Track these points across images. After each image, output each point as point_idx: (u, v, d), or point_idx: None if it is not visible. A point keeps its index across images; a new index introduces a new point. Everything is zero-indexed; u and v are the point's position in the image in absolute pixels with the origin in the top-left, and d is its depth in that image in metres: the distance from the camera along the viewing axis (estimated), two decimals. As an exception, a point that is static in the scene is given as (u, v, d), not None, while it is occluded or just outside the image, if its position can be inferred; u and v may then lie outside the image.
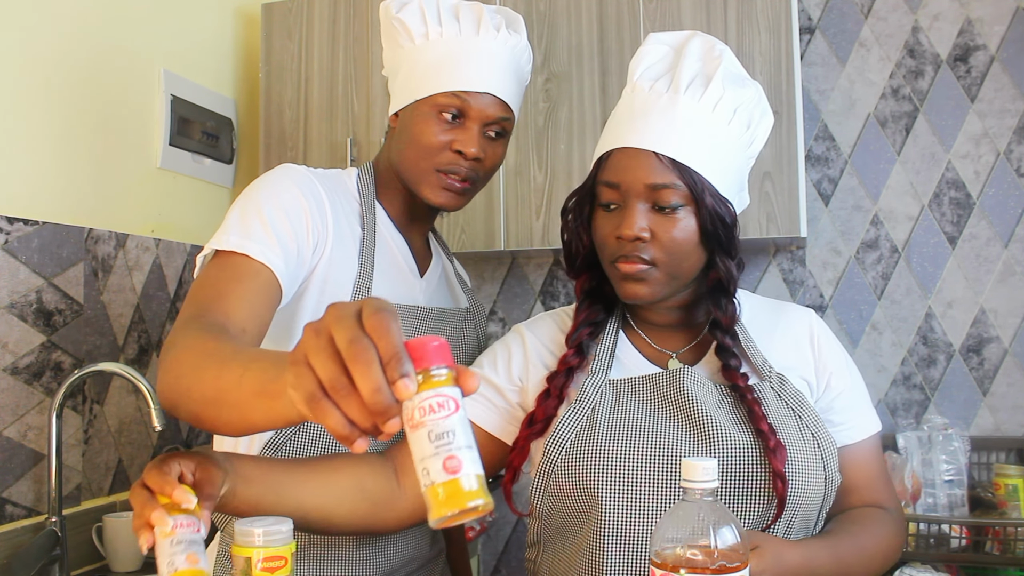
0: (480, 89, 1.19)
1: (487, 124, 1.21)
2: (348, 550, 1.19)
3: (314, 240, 1.12)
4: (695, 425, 1.01)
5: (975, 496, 1.78)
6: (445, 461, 0.59)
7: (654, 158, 1.01)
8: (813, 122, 2.09)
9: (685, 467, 0.80)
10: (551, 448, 1.03)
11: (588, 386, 1.06)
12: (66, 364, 1.63)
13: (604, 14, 1.91)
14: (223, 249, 1.03)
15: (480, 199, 1.98)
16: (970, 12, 2.00)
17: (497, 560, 2.26)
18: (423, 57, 1.23)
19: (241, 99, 2.24)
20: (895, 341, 2.02)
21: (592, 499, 1.00)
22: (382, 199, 1.28)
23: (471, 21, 1.22)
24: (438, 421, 0.59)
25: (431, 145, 1.20)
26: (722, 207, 1.03)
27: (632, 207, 1.02)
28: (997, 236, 1.97)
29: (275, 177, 1.14)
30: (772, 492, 0.98)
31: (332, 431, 0.59)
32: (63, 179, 1.67)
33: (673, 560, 0.78)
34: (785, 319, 1.15)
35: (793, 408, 1.04)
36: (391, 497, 1.05)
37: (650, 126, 1.02)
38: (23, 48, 1.58)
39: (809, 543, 0.98)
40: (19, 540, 1.49)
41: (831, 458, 1.03)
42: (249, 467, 0.92)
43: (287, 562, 0.84)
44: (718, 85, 1.03)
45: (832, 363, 1.12)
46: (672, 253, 1.02)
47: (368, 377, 0.57)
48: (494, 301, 2.31)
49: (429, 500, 0.60)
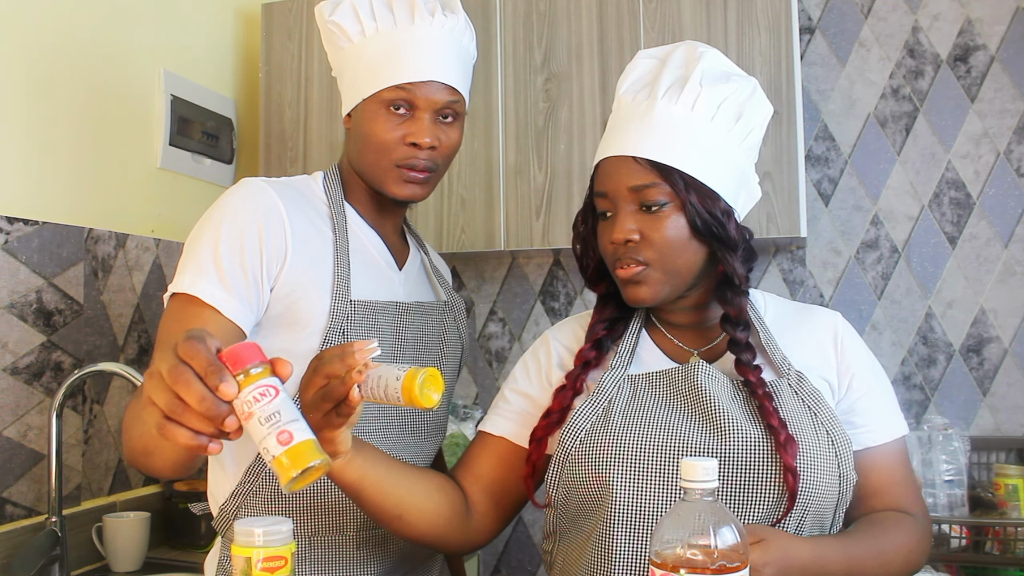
0: (424, 78, 1.19)
1: (437, 111, 1.21)
2: (347, 550, 1.19)
3: (267, 259, 1.13)
4: (710, 419, 1.02)
5: (975, 496, 1.78)
6: (277, 436, 0.71)
7: (632, 162, 1.04)
8: (813, 122, 2.09)
9: (685, 467, 0.80)
10: (566, 437, 1.05)
11: (606, 380, 1.08)
12: (66, 364, 1.63)
13: (604, 14, 1.91)
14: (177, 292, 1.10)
15: (480, 199, 1.98)
16: (970, 12, 2.00)
17: (497, 560, 2.26)
18: (363, 55, 1.23)
19: (241, 99, 2.24)
20: (895, 341, 2.02)
21: (603, 488, 1.01)
22: (350, 199, 1.28)
23: (404, 10, 1.21)
24: (264, 407, 0.71)
25: (385, 142, 1.20)
26: (708, 200, 1.04)
27: (620, 212, 1.05)
28: (997, 236, 1.97)
29: (226, 203, 1.16)
30: (783, 487, 0.98)
31: (184, 446, 0.71)
32: (63, 179, 1.67)
33: (673, 560, 0.78)
34: (811, 321, 1.16)
35: (809, 406, 1.05)
36: (465, 514, 1.11)
37: (628, 134, 1.06)
38: (23, 48, 1.58)
39: (820, 540, 0.99)
40: (19, 540, 1.49)
41: (846, 457, 1.04)
42: (367, 446, 1.02)
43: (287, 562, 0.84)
44: (694, 85, 1.05)
45: (855, 365, 1.12)
46: (663, 251, 1.04)
47: (191, 392, 0.69)
48: (494, 301, 2.31)
49: (276, 470, 0.71)
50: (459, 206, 1.99)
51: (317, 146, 2.10)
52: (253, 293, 1.12)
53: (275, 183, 1.21)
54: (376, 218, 1.29)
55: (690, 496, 0.80)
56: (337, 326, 1.16)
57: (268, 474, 1.18)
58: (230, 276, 1.10)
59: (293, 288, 1.15)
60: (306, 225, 1.19)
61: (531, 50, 1.96)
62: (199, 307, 1.08)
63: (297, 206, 1.20)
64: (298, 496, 1.19)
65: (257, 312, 1.14)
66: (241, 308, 1.10)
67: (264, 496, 1.18)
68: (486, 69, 1.97)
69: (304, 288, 1.16)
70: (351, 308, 1.18)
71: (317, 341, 1.15)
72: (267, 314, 1.16)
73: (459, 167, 1.99)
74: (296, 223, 1.17)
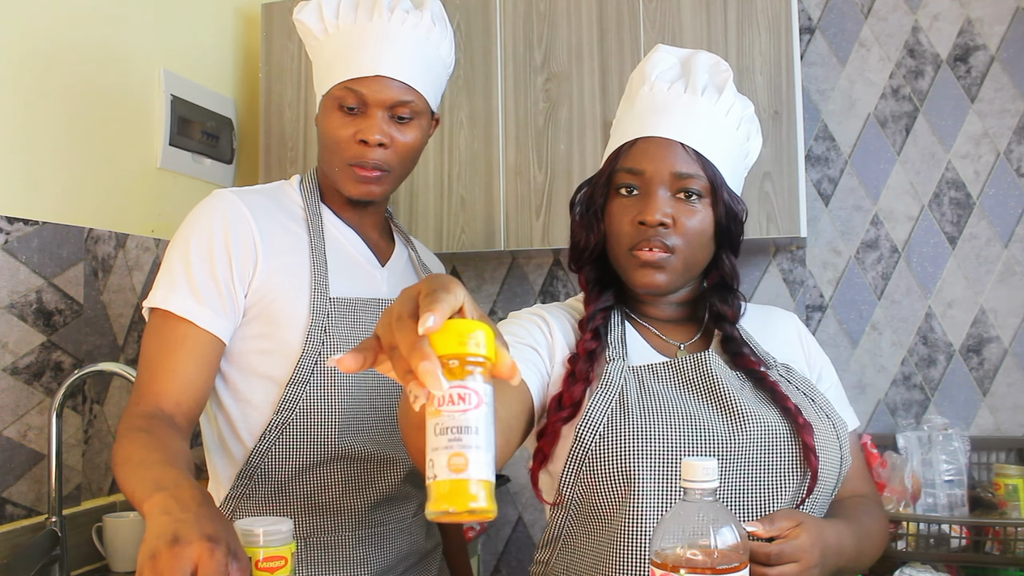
0: (371, 73, 1.18)
1: (390, 107, 1.20)
2: (344, 550, 1.19)
3: (237, 267, 1.15)
4: (726, 406, 1.02)
5: (975, 496, 1.78)
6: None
7: (680, 148, 1.05)
8: (813, 122, 2.09)
9: (685, 467, 0.80)
10: (584, 432, 1.01)
11: (611, 370, 1.05)
12: (66, 364, 1.63)
13: (604, 14, 1.91)
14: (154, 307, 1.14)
15: (480, 199, 1.98)
16: (970, 12, 2.00)
17: (497, 560, 2.26)
18: (323, 54, 1.24)
19: (241, 99, 2.24)
20: (895, 341, 2.02)
21: (630, 482, 0.98)
22: (327, 199, 1.29)
23: (366, 8, 1.20)
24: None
25: (337, 140, 1.21)
26: (736, 204, 1.09)
27: (654, 194, 1.05)
28: (997, 236, 1.97)
29: (193, 217, 1.19)
30: (804, 469, 0.99)
31: None
32: (63, 179, 1.67)
33: (673, 560, 0.78)
34: (775, 320, 1.20)
35: (804, 393, 1.07)
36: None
37: (676, 119, 1.07)
38: (23, 48, 1.58)
39: (836, 523, 1.01)
40: (19, 540, 1.49)
41: (844, 439, 1.07)
42: None
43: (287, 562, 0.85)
44: (729, 94, 1.09)
45: (818, 362, 1.18)
46: (691, 242, 1.06)
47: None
48: (494, 301, 2.31)
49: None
50: (459, 206, 1.99)
51: (317, 146, 2.09)
52: (226, 301, 1.15)
53: (244, 192, 1.23)
54: (353, 216, 1.29)
55: (690, 496, 0.80)
56: (318, 324, 1.17)
57: (260, 477, 1.18)
58: (202, 288, 1.13)
59: (268, 291, 1.17)
60: (277, 230, 1.21)
61: (531, 50, 1.96)
62: (175, 321, 1.12)
63: (267, 212, 1.21)
64: (295, 497, 1.19)
65: (233, 319, 1.16)
66: (215, 317, 1.13)
67: (258, 499, 1.18)
68: (486, 69, 1.97)
69: (280, 290, 1.18)
70: (331, 306, 1.19)
71: (299, 339, 1.16)
72: (245, 317, 1.18)
73: (459, 167, 1.99)
74: (266, 229, 1.19)
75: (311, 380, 1.17)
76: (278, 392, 1.17)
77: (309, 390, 1.17)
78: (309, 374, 1.16)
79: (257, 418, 1.18)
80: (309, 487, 1.19)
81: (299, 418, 1.17)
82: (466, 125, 1.98)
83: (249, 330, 1.18)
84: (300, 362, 1.16)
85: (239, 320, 1.18)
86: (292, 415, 1.16)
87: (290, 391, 1.16)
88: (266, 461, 1.17)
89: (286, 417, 1.16)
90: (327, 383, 1.17)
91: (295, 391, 1.16)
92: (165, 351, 1.11)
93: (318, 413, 1.17)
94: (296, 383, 1.16)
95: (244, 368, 1.19)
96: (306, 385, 1.16)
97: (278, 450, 1.17)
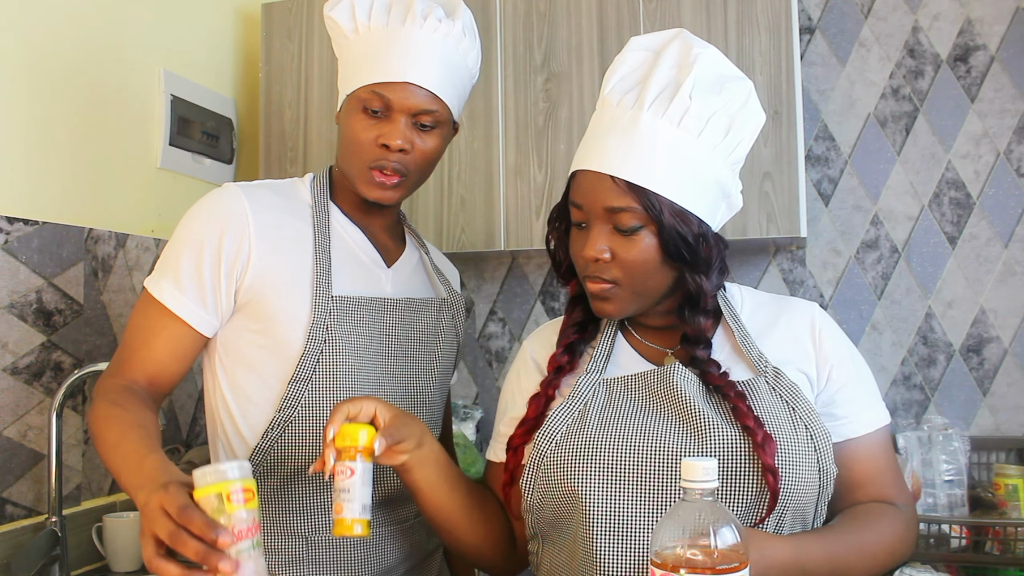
0: (398, 79, 1.18)
1: (414, 115, 1.20)
2: (345, 550, 1.19)
3: (226, 263, 1.17)
4: (687, 419, 1.01)
5: (975, 496, 1.78)
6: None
7: (610, 181, 1.00)
8: (813, 122, 2.09)
9: (685, 467, 0.80)
10: (541, 440, 1.04)
11: (582, 384, 1.07)
12: (66, 364, 1.63)
13: (604, 14, 1.91)
14: None
15: (480, 199, 1.98)
16: (970, 12, 2.00)
17: (497, 560, 2.26)
18: (351, 53, 1.23)
19: (241, 99, 2.24)
20: (895, 341, 2.02)
21: (577, 492, 1.00)
22: (337, 198, 1.30)
23: (399, 11, 1.20)
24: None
25: (359, 142, 1.21)
26: (683, 226, 1.01)
27: (593, 228, 1.03)
28: (997, 236, 1.97)
29: (193, 209, 1.23)
30: (763, 486, 0.97)
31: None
32: (63, 179, 1.67)
33: (673, 560, 0.78)
34: (788, 313, 1.14)
35: (787, 401, 1.03)
36: (510, 543, 1.15)
37: (609, 148, 1.02)
38: (23, 48, 1.58)
39: (800, 538, 0.97)
40: (19, 540, 1.49)
41: (825, 451, 1.02)
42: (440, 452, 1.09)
43: (255, 495, 0.90)
44: (684, 98, 1.01)
45: (834, 356, 1.10)
46: (633, 273, 1.03)
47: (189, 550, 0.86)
48: (494, 301, 2.31)
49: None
50: (459, 206, 1.99)
51: (317, 146, 2.10)
52: (208, 295, 1.17)
53: (250, 186, 1.24)
54: (362, 217, 1.30)
55: (690, 496, 0.80)
56: (320, 321, 1.17)
57: (262, 474, 1.18)
58: (187, 280, 1.16)
59: (263, 286, 1.18)
60: (279, 226, 1.21)
61: (531, 50, 1.96)
62: (159, 308, 1.17)
63: (270, 208, 1.22)
64: (296, 497, 1.19)
65: (216, 312, 1.19)
66: (195, 310, 1.17)
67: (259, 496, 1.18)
68: (486, 69, 1.96)
69: (275, 286, 1.18)
70: (333, 304, 1.19)
71: (300, 336, 1.16)
72: (240, 312, 1.19)
73: (459, 167, 1.99)
74: (265, 225, 1.20)
75: (313, 378, 1.17)
76: (278, 389, 1.17)
77: (311, 388, 1.17)
78: (311, 372, 1.17)
79: (257, 415, 1.18)
80: (311, 486, 1.19)
81: (301, 416, 1.17)
82: (466, 125, 1.98)
83: (244, 324, 1.19)
84: (302, 360, 1.16)
85: (226, 315, 1.19)
86: (294, 413, 1.17)
87: (292, 389, 1.16)
88: (268, 459, 1.17)
89: (288, 415, 1.16)
90: (329, 382, 1.18)
91: (297, 389, 1.16)
92: (145, 334, 1.18)
93: (320, 412, 1.17)
94: (298, 381, 1.16)
95: (240, 362, 1.19)
96: (308, 383, 1.17)
97: (280, 448, 1.17)
